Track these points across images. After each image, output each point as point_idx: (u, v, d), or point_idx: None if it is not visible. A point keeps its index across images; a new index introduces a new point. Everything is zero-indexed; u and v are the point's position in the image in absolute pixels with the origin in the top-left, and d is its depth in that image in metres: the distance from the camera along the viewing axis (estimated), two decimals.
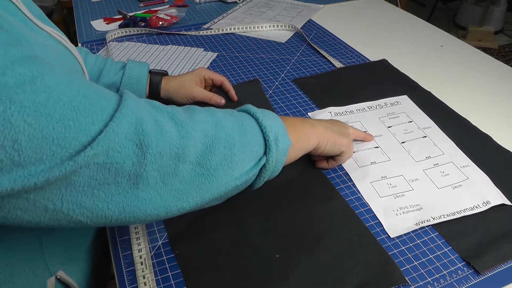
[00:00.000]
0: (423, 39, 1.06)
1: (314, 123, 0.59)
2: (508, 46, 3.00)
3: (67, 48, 0.48)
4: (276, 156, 0.49)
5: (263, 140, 0.49)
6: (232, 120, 0.48)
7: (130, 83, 0.73)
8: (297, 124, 0.56)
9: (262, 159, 0.49)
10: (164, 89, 0.76)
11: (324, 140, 0.58)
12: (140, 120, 0.38)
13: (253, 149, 0.48)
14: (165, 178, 0.40)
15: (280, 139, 0.50)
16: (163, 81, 0.76)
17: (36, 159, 0.32)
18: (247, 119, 0.50)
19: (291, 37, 1.08)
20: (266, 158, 0.49)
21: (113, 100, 0.39)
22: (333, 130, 0.60)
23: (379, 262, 0.50)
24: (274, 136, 0.49)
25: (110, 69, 0.73)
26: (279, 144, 0.49)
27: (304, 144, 0.56)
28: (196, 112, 0.47)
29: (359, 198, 0.60)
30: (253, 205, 0.58)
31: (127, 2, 1.32)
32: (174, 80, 0.77)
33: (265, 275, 0.49)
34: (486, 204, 0.57)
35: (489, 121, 0.74)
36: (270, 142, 0.49)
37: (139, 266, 0.50)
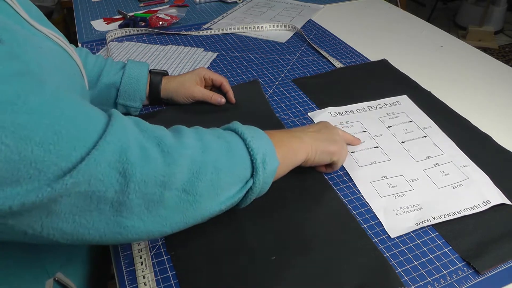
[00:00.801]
0: (423, 39, 1.06)
1: (301, 135, 0.57)
2: (508, 46, 3.00)
3: (65, 50, 0.48)
4: (263, 178, 0.48)
5: (250, 163, 0.48)
6: (220, 142, 0.47)
7: (130, 83, 0.72)
8: (285, 139, 0.55)
9: (248, 182, 0.48)
10: (164, 89, 0.76)
11: (312, 152, 0.57)
12: (125, 147, 0.37)
13: (240, 173, 0.47)
14: (149, 205, 0.39)
15: (268, 161, 0.48)
16: (163, 81, 0.76)
17: (12, 181, 0.31)
18: (234, 141, 0.48)
19: (291, 37, 1.08)
20: (253, 181, 0.48)
21: (99, 124, 0.37)
22: (321, 139, 0.58)
23: (376, 265, 0.50)
24: (261, 158, 0.48)
25: (110, 69, 0.73)
26: (266, 167, 0.48)
27: (292, 160, 0.56)
28: (184, 135, 0.45)
29: (359, 198, 0.60)
30: (250, 206, 0.58)
31: (127, 2, 1.32)
32: (174, 80, 0.77)
33: (261, 277, 0.49)
34: (486, 203, 0.57)
35: (489, 121, 0.74)
36: (257, 165, 0.47)
37: (139, 266, 0.50)
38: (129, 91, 0.73)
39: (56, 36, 0.48)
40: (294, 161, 0.56)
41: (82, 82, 0.50)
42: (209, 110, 0.78)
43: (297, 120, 0.76)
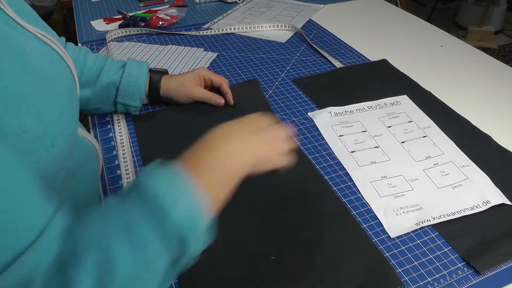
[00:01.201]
0: (423, 39, 1.06)
1: (239, 148, 0.46)
2: (508, 46, 3.00)
3: (54, 50, 0.47)
4: (197, 244, 0.40)
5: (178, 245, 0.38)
6: (128, 247, 0.36)
7: (130, 82, 0.72)
8: (217, 170, 0.44)
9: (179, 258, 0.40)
10: (164, 88, 0.76)
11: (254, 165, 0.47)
12: (37, 272, 0.33)
13: (161, 261, 0.37)
14: None
15: (196, 233, 0.39)
16: (163, 80, 0.76)
17: None
18: (145, 229, 0.37)
19: (291, 37, 1.08)
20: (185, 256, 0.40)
21: (30, 234, 0.33)
22: (264, 143, 0.49)
23: (375, 265, 0.50)
24: (187, 233, 0.38)
25: (110, 68, 0.73)
26: (196, 241, 0.40)
27: (230, 186, 0.45)
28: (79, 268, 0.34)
29: (359, 198, 0.60)
30: (249, 207, 0.58)
31: (127, 2, 1.32)
32: (175, 79, 0.77)
33: (261, 277, 0.49)
34: (486, 203, 0.57)
35: (489, 121, 0.74)
36: (185, 245, 0.38)
37: None
38: (129, 90, 0.73)
39: (47, 36, 0.47)
40: (233, 184, 0.46)
41: (70, 83, 0.49)
42: (209, 110, 0.78)
43: (297, 120, 0.76)
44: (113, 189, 0.61)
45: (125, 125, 0.74)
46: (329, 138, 0.71)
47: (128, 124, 0.75)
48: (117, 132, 0.73)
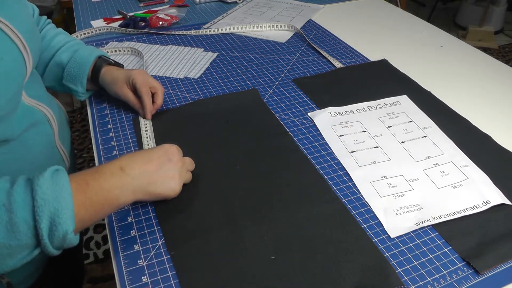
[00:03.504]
0: (423, 39, 1.06)
1: (124, 183, 0.51)
2: (508, 46, 3.00)
3: (4, 32, 0.50)
4: (55, 246, 0.45)
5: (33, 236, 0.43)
6: None
7: (74, 67, 0.75)
8: (99, 195, 0.48)
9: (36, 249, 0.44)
10: (101, 78, 0.77)
11: (139, 197, 0.53)
12: None
13: (20, 244, 0.42)
14: None
15: (56, 233, 0.43)
16: (103, 70, 0.77)
17: None
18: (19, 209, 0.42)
19: (291, 37, 1.08)
20: (41, 249, 0.44)
21: None
22: (151, 181, 0.54)
23: (375, 265, 0.50)
24: (47, 231, 0.43)
25: (65, 49, 0.76)
26: (54, 238, 0.43)
27: (111, 208, 0.50)
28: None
29: (359, 198, 0.60)
30: (249, 206, 0.58)
31: (127, 2, 1.32)
32: (112, 73, 0.77)
33: (261, 276, 0.49)
34: (486, 204, 0.57)
35: (489, 121, 0.74)
36: (43, 241, 0.43)
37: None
38: (72, 74, 0.75)
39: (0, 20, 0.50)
40: (113, 209, 0.51)
41: (12, 64, 0.52)
42: (209, 115, 0.78)
43: (297, 120, 0.76)
44: None
45: (126, 125, 0.75)
46: (329, 138, 0.71)
47: (129, 125, 0.75)
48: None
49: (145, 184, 0.53)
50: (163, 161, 0.55)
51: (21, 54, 0.54)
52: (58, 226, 0.43)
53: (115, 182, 0.50)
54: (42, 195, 0.43)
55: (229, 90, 0.85)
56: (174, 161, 0.56)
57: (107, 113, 0.78)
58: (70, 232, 0.44)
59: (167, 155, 0.56)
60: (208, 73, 0.91)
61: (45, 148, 0.63)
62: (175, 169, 0.56)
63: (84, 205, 0.46)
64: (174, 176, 0.56)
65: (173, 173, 0.56)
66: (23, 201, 0.42)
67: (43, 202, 0.42)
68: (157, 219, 0.56)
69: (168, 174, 0.55)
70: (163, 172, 0.55)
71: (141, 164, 0.53)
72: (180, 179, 0.57)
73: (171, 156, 0.57)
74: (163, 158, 0.56)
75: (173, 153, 0.57)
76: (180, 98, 0.82)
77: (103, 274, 1.49)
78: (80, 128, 2.21)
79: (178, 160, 0.57)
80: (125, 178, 0.51)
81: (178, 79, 0.89)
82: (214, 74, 0.90)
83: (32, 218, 0.42)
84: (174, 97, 0.83)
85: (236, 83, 0.87)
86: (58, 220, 0.43)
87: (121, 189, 0.50)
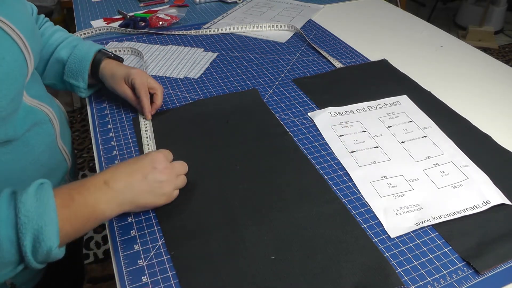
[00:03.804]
0: (423, 39, 1.06)
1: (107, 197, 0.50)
2: (508, 46, 3.00)
3: (6, 33, 0.50)
4: (39, 262, 0.45)
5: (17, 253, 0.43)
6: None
7: (75, 62, 0.75)
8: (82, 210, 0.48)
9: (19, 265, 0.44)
10: (101, 73, 0.77)
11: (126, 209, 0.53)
12: None
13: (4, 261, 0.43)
14: None
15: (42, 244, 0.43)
16: (103, 63, 0.77)
17: None
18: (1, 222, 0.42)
19: (291, 37, 1.08)
20: (24, 265, 0.45)
21: None
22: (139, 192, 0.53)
23: (375, 265, 0.50)
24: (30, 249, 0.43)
25: (65, 45, 0.76)
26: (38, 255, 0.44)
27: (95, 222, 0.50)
28: None
29: (359, 198, 0.60)
30: (249, 206, 0.58)
31: (127, 2, 1.32)
32: (112, 68, 0.77)
33: (261, 276, 0.49)
34: (486, 204, 0.57)
35: (489, 121, 0.74)
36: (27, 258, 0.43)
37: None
38: (73, 70, 0.75)
39: (1, 19, 0.50)
40: (99, 223, 0.51)
41: (13, 64, 0.52)
42: (209, 115, 0.78)
43: (297, 120, 0.76)
44: None
45: (126, 125, 0.75)
46: (329, 138, 0.71)
47: (129, 124, 0.75)
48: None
49: (132, 197, 0.52)
50: (148, 170, 0.54)
51: (22, 53, 0.54)
52: (42, 243, 0.43)
53: (100, 196, 0.49)
54: (25, 212, 0.42)
55: (229, 90, 0.85)
56: (159, 169, 0.55)
57: (107, 113, 0.78)
58: (55, 248, 0.44)
59: (152, 164, 0.55)
60: (208, 73, 0.91)
61: (47, 148, 0.63)
62: (161, 177, 0.55)
63: (69, 220, 0.46)
64: (161, 184, 0.55)
65: (159, 182, 0.54)
66: (7, 217, 0.42)
67: (26, 220, 0.42)
68: (157, 219, 0.56)
69: (154, 184, 0.54)
70: (149, 182, 0.53)
71: (125, 176, 0.52)
72: (169, 186, 0.56)
73: (156, 164, 0.55)
74: (147, 167, 0.54)
75: (158, 161, 0.55)
76: (180, 98, 0.82)
77: (103, 274, 1.49)
78: (80, 128, 2.21)
79: (164, 167, 0.55)
80: (109, 192, 0.50)
81: (178, 79, 0.89)
82: (214, 74, 0.90)
83: (16, 235, 0.42)
84: (174, 97, 0.83)
85: (236, 83, 0.87)
86: (42, 237, 0.43)
87: (106, 203, 0.50)
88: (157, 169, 0.55)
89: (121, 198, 0.51)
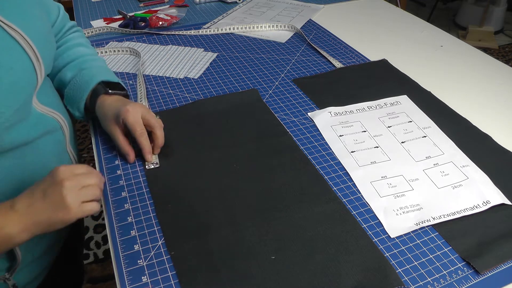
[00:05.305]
0: (423, 39, 1.06)
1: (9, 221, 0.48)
2: (508, 46, 3.00)
3: (17, 42, 0.50)
4: None
5: None
6: None
7: (73, 89, 0.69)
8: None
9: None
10: (96, 110, 0.69)
11: (36, 229, 0.50)
12: None
13: None
14: None
15: None
16: (99, 101, 0.68)
17: None
18: None
19: (291, 37, 1.08)
20: None
21: None
22: (42, 209, 0.49)
23: (375, 265, 0.50)
24: None
25: (74, 66, 0.70)
26: None
27: (7, 245, 0.49)
28: None
29: (359, 198, 0.60)
30: (249, 206, 0.58)
31: (127, 2, 1.32)
32: (104, 106, 0.67)
33: (261, 276, 0.49)
34: (486, 204, 0.57)
35: (489, 121, 0.74)
36: None
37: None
38: (69, 97, 0.69)
39: (11, 27, 0.49)
40: (9, 247, 0.51)
41: (27, 75, 0.52)
42: (209, 115, 0.78)
43: (297, 120, 0.76)
44: (113, 188, 0.61)
45: None
46: (329, 138, 0.71)
47: None
48: None
49: (35, 216, 0.49)
50: (46, 185, 0.50)
51: (32, 63, 0.53)
52: None
53: (5, 221, 0.48)
54: None
55: (229, 90, 0.85)
56: (58, 182, 0.50)
57: None
58: None
59: (51, 179, 0.51)
60: (208, 73, 0.91)
61: (57, 154, 0.62)
62: (61, 191, 0.50)
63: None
64: (62, 198, 0.50)
65: (59, 196, 0.50)
66: None
67: None
68: (157, 219, 0.56)
69: (54, 198, 0.49)
70: (49, 197, 0.49)
71: (27, 196, 0.50)
72: (71, 197, 0.50)
73: (55, 178, 0.50)
74: (46, 183, 0.51)
75: (57, 174, 0.51)
76: (180, 98, 0.82)
77: (103, 274, 1.49)
78: (80, 128, 2.21)
79: (63, 179, 0.50)
80: (13, 215, 0.48)
81: (178, 79, 0.89)
82: (214, 74, 0.90)
83: None
84: (174, 97, 0.83)
85: (236, 83, 0.87)
86: None
87: (11, 227, 0.48)
88: (55, 183, 0.50)
89: (24, 220, 0.48)
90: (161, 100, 0.81)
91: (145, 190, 0.61)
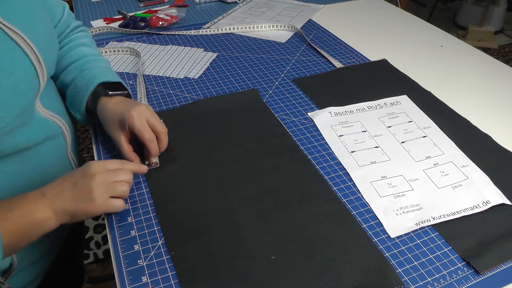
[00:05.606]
0: (423, 39, 1.06)
1: (44, 210, 0.50)
2: (508, 46, 3.00)
3: (19, 46, 0.49)
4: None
5: None
6: None
7: (73, 91, 0.68)
8: (19, 221, 0.49)
9: None
10: (98, 113, 0.67)
11: (64, 218, 0.52)
12: None
13: None
14: None
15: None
16: (100, 104, 0.67)
17: None
18: None
19: (291, 37, 1.08)
20: None
21: None
22: (72, 199, 0.52)
23: (375, 264, 0.50)
24: None
25: (75, 68, 0.69)
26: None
27: (36, 235, 0.51)
28: None
29: (359, 198, 0.60)
30: (249, 206, 0.58)
31: (127, 2, 1.32)
32: (106, 110, 0.66)
33: (261, 276, 0.49)
34: (486, 204, 0.57)
35: (489, 121, 0.74)
36: None
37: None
38: (70, 100, 0.68)
39: (12, 29, 0.49)
40: (39, 233, 0.51)
41: (29, 80, 0.51)
42: (209, 115, 0.78)
43: (297, 120, 0.76)
44: None
45: None
46: (329, 138, 0.71)
47: None
48: None
49: (63, 204, 0.51)
50: (78, 177, 0.53)
51: (33, 67, 0.53)
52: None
53: (37, 206, 0.50)
54: None
55: (229, 90, 0.85)
56: (89, 175, 0.52)
57: None
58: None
59: (83, 171, 0.53)
60: (208, 73, 0.91)
61: (58, 160, 0.62)
62: (90, 183, 0.52)
63: (9, 232, 0.46)
64: (91, 190, 0.52)
65: (88, 188, 0.52)
66: None
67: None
68: (157, 219, 0.56)
69: (83, 190, 0.52)
70: (78, 188, 0.52)
71: (57, 184, 0.52)
72: (99, 192, 0.52)
73: (86, 171, 0.53)
74: (77, 174, 0.53)
75: (89, 168, 0.53)
76: (180, 98, 0.82)
77: (103, 274, 1.49)
78: (80, 128, 2.21)
79: (94, 173, 0.53)
80: (44, 200, 0.50)
81: (178, 79, 0.89)
82: (214, 74, 0.90)
83: None
84: (174, 97, 0.83)
85: (236, 83, 0.87)
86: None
87: (42, 212, 0.50)
88: (86, 176, 0.53)
89: (54, 206, 0.51)
90: (161, 100, 0.81)
91: (145, 190, 0.61)
